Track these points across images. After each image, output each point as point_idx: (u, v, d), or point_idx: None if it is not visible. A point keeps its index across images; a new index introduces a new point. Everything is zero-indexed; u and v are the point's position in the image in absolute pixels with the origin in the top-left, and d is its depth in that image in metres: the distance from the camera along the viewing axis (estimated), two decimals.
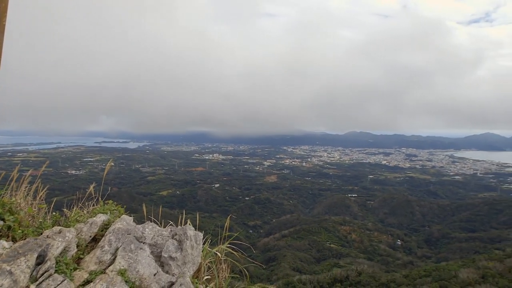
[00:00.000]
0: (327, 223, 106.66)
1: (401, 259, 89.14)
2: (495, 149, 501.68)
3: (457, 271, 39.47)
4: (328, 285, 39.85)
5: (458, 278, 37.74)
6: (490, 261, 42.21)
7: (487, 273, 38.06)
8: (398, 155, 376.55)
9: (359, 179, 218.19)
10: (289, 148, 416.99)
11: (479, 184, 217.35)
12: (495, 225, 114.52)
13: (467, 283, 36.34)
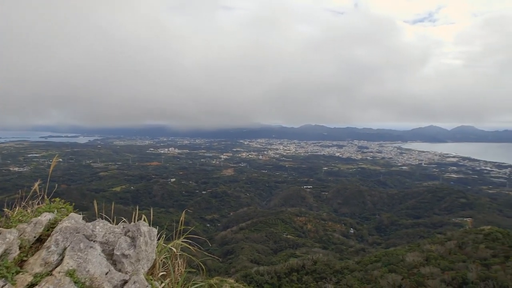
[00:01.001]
0: (284, 214, 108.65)
1: (353, 247, 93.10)
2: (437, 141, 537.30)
3: (404, 255, 41.97)
4: (285, 275, 40.73)
5: (405, 261, 40.16)
6: (433, 245, 45.31)
7: (430, 256, 40.85)
8: (350, 147, 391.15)
9: (314, 171, 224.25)
10: (245, 141, 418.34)
11: (424, 173, 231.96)
12: (437, 211, 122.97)
13: (413, 266, 38.77)
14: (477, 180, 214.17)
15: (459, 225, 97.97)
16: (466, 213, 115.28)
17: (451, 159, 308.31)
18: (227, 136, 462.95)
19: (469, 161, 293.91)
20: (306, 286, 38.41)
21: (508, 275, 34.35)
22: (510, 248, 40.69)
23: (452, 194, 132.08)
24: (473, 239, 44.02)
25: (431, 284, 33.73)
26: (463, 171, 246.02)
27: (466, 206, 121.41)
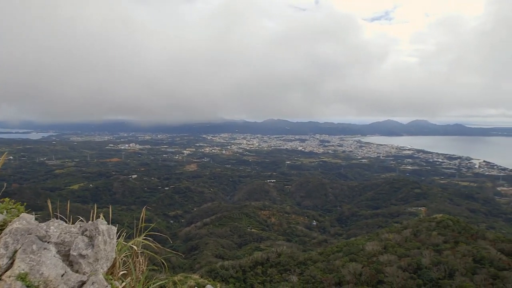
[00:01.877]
0: (248, 208, 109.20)
1: (316, 238, 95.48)
2: (394, 135, 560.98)
3: (364, 245, 43.62)
4: (250, 268, 41.04)
5: (365, 251, 41.75)
6: (390, 234, 47.42)
7: (388, 244, 42.74)
8: (313, 141, 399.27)
9: (277, 165, 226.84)
10: (208, 136, 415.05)
11: (382, 166, 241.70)
12: (394, 202, 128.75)
13: (372, 255, 40.39)
14: (430, 171, 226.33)
15: (414, 214, 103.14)
16: (420, 202, 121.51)
17: (407, 152, 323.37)
18: (190, 131, 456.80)
19: (423, 154, 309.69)
20: (270, 278, 38.92)
21: (458, 259, 36.70)
22: (459, 234, 43.45)
23: (407, 185, 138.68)
24: (427, 227, 46.53)
25: (388, 271, 35.33)
26: (418, 163, 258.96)
27: (421, 196, 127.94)
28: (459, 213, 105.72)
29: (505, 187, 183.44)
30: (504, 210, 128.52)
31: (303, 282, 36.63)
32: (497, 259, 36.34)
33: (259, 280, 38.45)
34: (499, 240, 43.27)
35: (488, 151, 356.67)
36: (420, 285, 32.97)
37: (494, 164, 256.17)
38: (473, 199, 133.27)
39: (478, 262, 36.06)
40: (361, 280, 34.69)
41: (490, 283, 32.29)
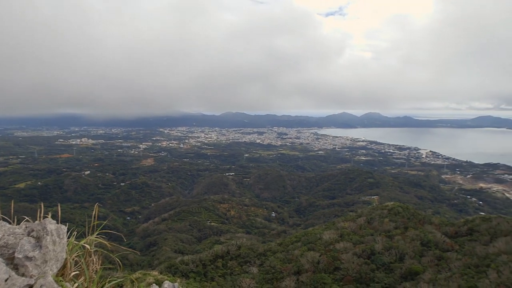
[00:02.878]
0: (207, 202, 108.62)
1: (275, 229, 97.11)
2: (349, 127, 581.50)
3: (321, 234, 44.95)
4: (210, 262, 40.92)
5: (322, 239, 43.05)
6: (346, 222, 49.25)
7: (344, 232, 44.36)
8: (271, 133, 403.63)
9: (236, 158, 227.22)
10: (166, 130, 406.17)
11: (337, 157, 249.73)
12: (350, 191, 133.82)
13: (329, 243, 41.74)
14: (382, 162, 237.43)
15: (368, 202, 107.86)
16: (373, 191, 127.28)
17: (361, 143, 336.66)
18: (146, 125, 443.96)
19: (376, 145, 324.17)
20: (231, 271, 39.07)
21: (407, 243, 38.93)
22: (409, 220, 46.02)
23: (361, 175, 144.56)
24: (379, 214, 48.81)
25: (344, 257, 36.73)
26: (371, 154, 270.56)
27: (374, 185, 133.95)
28: (408, 200, 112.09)
29: (448, 175, 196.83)
30: (447, 196, 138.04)
31: (263, 273, 37.14)
32: (441, 242, 38.99)
33: (219, 273, 38.48)
34: (443, 224, 46.42)
35: (434, 142, 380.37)
36: (374, 270, 34.60)
37: (439, 154, 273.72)
38: (421, 187, 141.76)
39: (425, 245, 38.48)
40: (319, 268, 35.77)
41: (435, 264, 34.61)
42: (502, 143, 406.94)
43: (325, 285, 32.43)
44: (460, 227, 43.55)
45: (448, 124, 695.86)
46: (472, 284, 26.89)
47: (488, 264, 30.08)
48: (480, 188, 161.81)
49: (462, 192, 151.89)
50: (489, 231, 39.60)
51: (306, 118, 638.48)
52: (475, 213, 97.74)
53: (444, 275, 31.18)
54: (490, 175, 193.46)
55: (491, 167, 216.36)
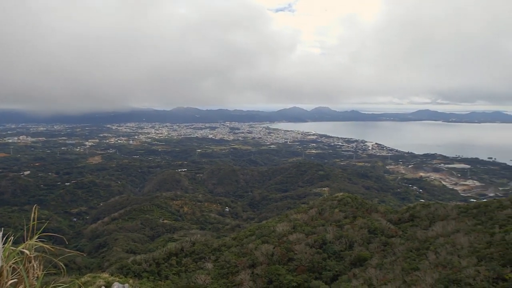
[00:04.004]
0: (159, 200, 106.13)
1: (229, 224, 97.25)
2: (300, 121, 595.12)
3: (275, 226, 45.71)
4: (164, 260, 40.06)
5: (276, 232, 43.79)
6: (298, 214, 50.47)
7: (296, 224, 45.45)
8: (223, 128, 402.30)
9: (188, 154, 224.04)
10: (114, 126, 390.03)
11: (289, 150, 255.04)
12: (301, 184, 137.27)
13: (282, 235, 42.56)
14: (332, 154, 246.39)
15: (319, 194, 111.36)
16: (324, 183, 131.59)
17: (311, 137, 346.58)
18: (92, 121, 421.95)
19: (325, 138, 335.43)
20: (186, 268, 38.55)
21: (356, 231, 40.77)
22: (357, 210, 48.19)
23: (312, 168, 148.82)
24: (330, 205, 50.59)
25: (297, 248, 37.68)
26: (321, 147, 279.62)
27: (324, 177, 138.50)
28: (357, 190, 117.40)
29: (392, 165, 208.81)
30: (391, 186, 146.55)
31: (218, 268, 37.07)
32: (387, 229, 41.32)
33: (174, 271, 37.83)
34: (388, 212, 49.21)
35: (379, 134, 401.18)
36: (325, 258, 35.87)
37: (384, 146, 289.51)
38: (368, 178, 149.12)
39: (372, 232, 40.56)
40: (273, 260, 36.40)
41: (381, 250, 36.61)
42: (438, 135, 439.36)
43: (279, 276, 33.07)
44: (403, 214, 46.40)
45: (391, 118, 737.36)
46: (414, 266, 28.75)
47: (428, 247, 32.33)
48: (420, 177, 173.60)
49: (405, 181, 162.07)
50: (428, 216, 42.59)
51: (258, 112, 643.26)
52: (416, 201, 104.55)
53: (389, 259, 33.05)
54: (429, 164, 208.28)
55: (429, 157, 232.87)
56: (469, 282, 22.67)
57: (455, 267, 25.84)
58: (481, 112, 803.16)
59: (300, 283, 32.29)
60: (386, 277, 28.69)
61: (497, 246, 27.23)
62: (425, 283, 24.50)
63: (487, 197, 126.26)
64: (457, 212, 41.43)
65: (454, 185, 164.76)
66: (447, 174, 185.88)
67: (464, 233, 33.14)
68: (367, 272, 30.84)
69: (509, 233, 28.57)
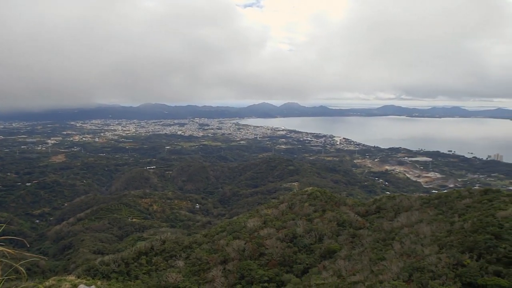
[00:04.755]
0: (127, 198, 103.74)
1: (200, 221, 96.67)
2: (269, 116, 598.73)
3: (246, 222, 45.82)
4: (134, 259, 39.23)
5: (247, 227, 43.93)
6: (269, 209, 50.87)
7: (267, 219, 45.80)
8: (192, 125, 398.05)
9: (157, 151, 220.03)
10: (78, 123, 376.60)
11: (259, 146, 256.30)
12: (271, 179, 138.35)
13: (253, 230, 42.75)
14: (301, 149, 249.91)
15: (289, 189, 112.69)
16: (293, 178, 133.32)
17: (281, 132, 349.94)
18: (54, 118, 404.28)
19: (295, 133, 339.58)
20: (156, 267, 37.95)
21: (325, 224, 41.63)
22: (326, 203, 49.18)
23: (282, 163, 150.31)
24: (300, 199, 51.32)
25: (269, 243, 38.00)
26: (290, 142, 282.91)
27: (294, 172, 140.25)
28: (326, 184, 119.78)
29: (359, 159, 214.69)
30: (359, 179, 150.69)
31: (189, 266, 36.77)
32: (355, 221, 42.48)
33: (144, 271, 37.17)
34: (356, 204, 50.57)
35: (347, 129, 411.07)
36: (296, 252, 36.41)
37: (351, 140, 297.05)
38: (336, 172, 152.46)
39: (341, 225, 41.56)
40: (245, 255, 36.53)
41: (350, 241, 37.61)
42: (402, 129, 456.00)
43: (251, 271, 33.24)
44: (370, 207, 47.84)
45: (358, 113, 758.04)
46: (380, 256, 29.73)
47: (393, 237, 33.53)
48: (386, 170, 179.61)
49: (371, 175, 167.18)
50: (394, 208, 44.14)
51: (228, 108, 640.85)
52: (382, 193, 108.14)
53: (358, 251, 34.02)
54: (394, 158, 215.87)
55: (394, 151, 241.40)
56: (431, 269, 23.74)
57: (419, 255, 26.98)
58: (441, 108, 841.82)
59: (271, 277, 32.62)
60: (355, 268, 29.52)
61: (457, 234, 28.68)
62: (391, 272, 25.42)
63: (447, 188, 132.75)
64: (420, 203, 43.21)
65: (417, 177, 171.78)
66: (410, 167, 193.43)
67: (427, 223, 34.64)
68: (337, 264, 31.59)
69: (467, 221, 30.14)
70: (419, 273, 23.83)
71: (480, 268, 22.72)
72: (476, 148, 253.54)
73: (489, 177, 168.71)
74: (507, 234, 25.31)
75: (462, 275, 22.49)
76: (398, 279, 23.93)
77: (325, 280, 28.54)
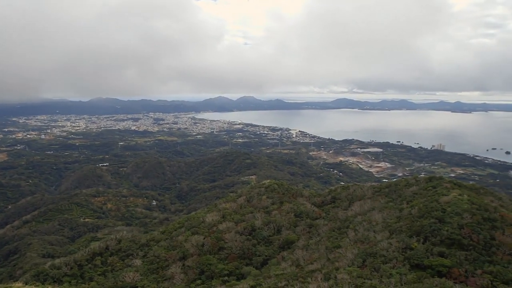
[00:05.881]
0: (79, 197, 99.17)
1: (157, 218, 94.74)
2: (226, 110, 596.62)
3: (204, 217, 45.57)
4: (87, 261, 37.71)
5: (206, 222, 43.72)
6: (227, 203, 50.92)
7: (226, 213, 45.85)
8: (146, 120, 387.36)
9: (110, 147, 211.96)
10: (21, 120, 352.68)
11: (216, 140, 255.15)
12: (229, 173, 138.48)
13: (212, 225, 42.65)
14: (258, 143, 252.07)
15: (247, 182, 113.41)
16: (251, 171, 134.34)
17: (238, 126, 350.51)
18: None
19: (251, 127, 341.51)
20: (112, 267, 36.74)
21: (283, 216, 42.47)
22: (283, 195, 50.11)
23: (240, 157, 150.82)
24: (258, 192, 51.84)
25: (228, 237, 38.11)
26: (247, 136, 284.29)
27: (251, 166, 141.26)
28: (283, 177, 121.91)
29: (315, 151, 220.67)
30: (315, 170, 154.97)
31: (147, 264, 36.03)
32: (311, 211, 43.73)
33: (99, 272, 35.86)
34: (312, 195, 52.02)
35: (302, 122, 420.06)
36: (255, 244, 36.86)
37: (306, 133, 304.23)
38: (292, 164, 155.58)
39: (298, 216, 42.61)
40: (204, 250, 36.40)
41: (307, 232, 38.71)
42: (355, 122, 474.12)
43: (211, 266, 33.24)
44: (326, 197, 49.44)
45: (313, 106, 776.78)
46: (336, 244, 30.92)
47: (348, 226, 34.97)
48: (340, 161, 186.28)
49: (326, 166, 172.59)
50: (348, 197, 45.95)
51: (183, 102, 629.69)
52: (336, 184, 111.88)
53: (315, 240, 35.11)
54: (347, 149, 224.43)
55: (347, 142, 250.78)
56: (383, 254, 25.12)
57: (371, 241, 28.40)
58: (390, 101, 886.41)
59: (231, 270, 32.81)
60: (312, 256, 30.47)
61: (405, 220, 30.51)
62: (346, 258, 26.56)
63: (396, 177, 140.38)
64: (372, 192, 45.33)
65: (369, 167, 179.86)
66: (363, 158, 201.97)
67: (378, 210, 36.47)
68: (295, 254, 32.41)
69: (414, 207, 32.14)
70: (372, 258, 25.13)
71: (426, 250, 24.43)
72: (421, 138, 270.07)
73: (433, 165, 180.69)
74: (449, 218, 27.33)
75: (411, 257, 24.05)
76: (353, 265, 25.07)
77: (284, 270, 29.20)
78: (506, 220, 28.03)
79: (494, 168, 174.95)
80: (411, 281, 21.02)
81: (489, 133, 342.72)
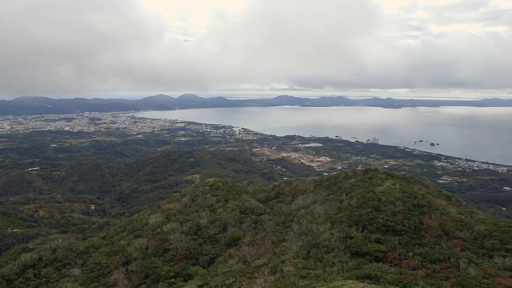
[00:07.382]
0: (5, 206, 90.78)
1: (97, 223, 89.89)
2: (167, 109, 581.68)
3: (148, 219, 44.26)
4: (18, 275, 34.77)
5: (149, 224, 42.48)
6: (171, 203, 49.95)
7: (170, 214, 44.93)
8: (81, 119, 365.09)
9: (40, 150, 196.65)
10: None
11: (157, 139, 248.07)
12: (172, 173, 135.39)
13: (156, 226, 41.53)
14: (201, 141, 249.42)
15: (191, 181, 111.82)
16: (195, 170, 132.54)
17: (180, 124, 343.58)
18: None
19: (194, 125, 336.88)
20: (47, 279, 34.26)
21: (228, 213, 42.61)
22: (228, 193, 50.27)
23: (182, 156, 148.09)
24: (202, 191, 51.46)
25: (173, 238, 37.38)
26: (190, 134, 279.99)
27: (195, 164, 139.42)
28: (227, 174, 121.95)
29: (258, 148, 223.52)
30: (258, 167, 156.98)
31: (87, 272, 34.16)
32: (256, 208, 44.39)
33: (31, 286, 33.30)
34: (257, 191, 52.83)
35: (245, 119, 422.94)
36: (201, 243, 36.59)
37: (249, 130, 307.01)
38: (236, 161, 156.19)
39: (243, 213, 43.01)
40: (149, 253, 35.37)
41: (253, 228, 39.25)
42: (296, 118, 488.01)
43: (156, 269, 32.42)
44: (270, 192, 50.44)
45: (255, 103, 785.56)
46: (281, 238, 31.71)
47: (292, 219, 36.01)
48: (283, 157, 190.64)
49: (270, 162, 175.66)
50: (291, 192, 47.29)
51: (121, 101, 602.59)
52: (280, 179, 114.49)
53: (260, 235, 35.68)
54: (289, 145, 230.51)
55: (289, 138, 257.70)
56: (326, 245, 26.27)
57: (315, 233, 29.56)
58: (329, 97, 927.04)
59: (178, 272, 32.31)
60: (259, 252, 30.96)
61: (345, 210, 32.16)
62: (292, 251, 27.38)
63: (336, 170, 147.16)
64: (314, 185, 47.09)
65: (310, 162, 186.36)
66: (304, 153, 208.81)
67: (320, 203, 38.02)
68: (241, 250, 32.71)
69: (353, 198, 34.00)
70: (316, 249, 26.20)
71: (365, 238, 26.06)
72: (358, 133, 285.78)
73: (369, 158, 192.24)
74: (384, 206, 29.35)
75: (351, 246, 25.48)
76: (298, 257, 25.96)
77: (231, 267, 29.37)
78: (432, 205, 30.81)
79: (421, 158, 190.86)
80: (352, 268, 22.30)
81: (416, 127, 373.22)
